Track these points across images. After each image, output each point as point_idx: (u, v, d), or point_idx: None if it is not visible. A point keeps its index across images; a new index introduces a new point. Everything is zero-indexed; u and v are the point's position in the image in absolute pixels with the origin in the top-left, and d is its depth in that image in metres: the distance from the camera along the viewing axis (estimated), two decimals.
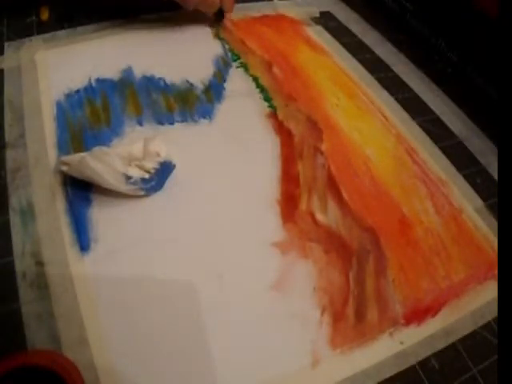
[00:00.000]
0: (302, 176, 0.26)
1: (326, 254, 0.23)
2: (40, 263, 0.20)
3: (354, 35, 0.39)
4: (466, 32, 0.35)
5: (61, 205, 0.22)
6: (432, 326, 0.22)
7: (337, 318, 0.21)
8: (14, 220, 0.21)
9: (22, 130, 0.24)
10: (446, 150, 0.31)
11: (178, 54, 0.32)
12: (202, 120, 0.27)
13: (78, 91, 0.27)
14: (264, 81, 0.31)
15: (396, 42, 0.40)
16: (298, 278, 0.22)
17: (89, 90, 0.27)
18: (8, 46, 0.29)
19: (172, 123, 0.27)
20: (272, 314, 0.21)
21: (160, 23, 0.34)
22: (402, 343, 0.21)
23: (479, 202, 0.28)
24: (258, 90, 0.31)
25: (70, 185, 0.22)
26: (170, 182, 0.24)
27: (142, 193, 0.23)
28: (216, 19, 0.36)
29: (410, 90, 0.35)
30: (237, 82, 0.31)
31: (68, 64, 0.28)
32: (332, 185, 0.26)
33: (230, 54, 0.33)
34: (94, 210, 0.22)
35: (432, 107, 0.34)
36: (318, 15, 0.40)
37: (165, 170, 0.24)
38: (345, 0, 0.44)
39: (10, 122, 0.25)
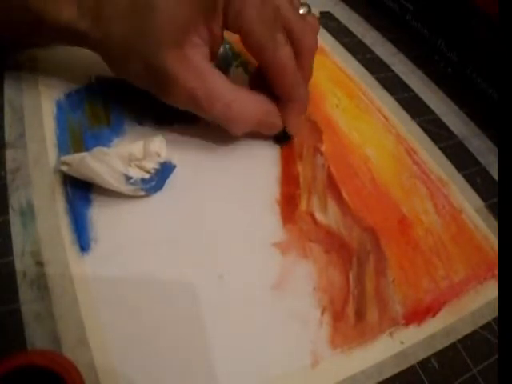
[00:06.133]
0: (301, 176, 0.27)
1: (326, 254, 0.23)
2: (40, 263, 0.20)
3: (354, 35, 0.39)
4: (465, 32, 0.35)
5: (61, 205, 0.22)
6: (432, 326, 0.22)
7: (337, 317, 0.21)
8: (14, 220, 0.21)
9: (21, 129, 0.24)
10: (446, 150, 0.31)
11: None
12: (203, 120, 0.27)
13: (78, 91, 0.27)
14: None
15: (396, 42, 0.40)
16: (298, 278, 0.22)
17: (89, 89, 0.27)
18: None
19: (172, 123, 0.27)
20: (272, 314, 0.21)
21: None
22: (402, 343, 0.21)
23: (479, 202, 0.29)
24: None
25: (70, 185, 0.22)
26: (170, 183, 0.24)
27: (142, 193, 0.23)
28: (277, 142, 0.28)
29: (410, 90, 0.35)
30: (237, 81, 0.31)
31: (68, 64, 0.28)
32: (332, 185, 0.27)
33: (230, 53, 0.33)
34: (94, 209, 0.22)
35: (432, 107, 0.34)
36: (318, 15, 0.40)
37: (165, 170, 0.24)
38: (345, 0, 0.44)
39: (10, 122, 0.25)
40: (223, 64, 0.32)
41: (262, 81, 0.26)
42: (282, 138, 0.28)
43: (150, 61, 0.22)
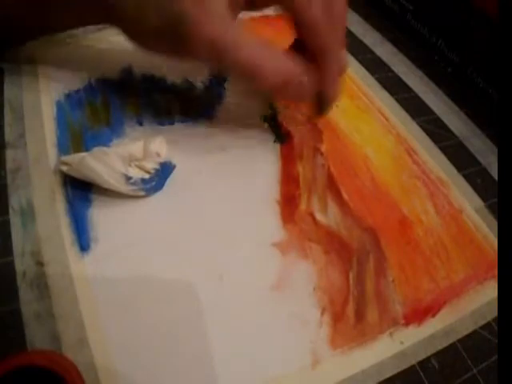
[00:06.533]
0: (301, 177, 0.26)
1: (326, 254, 0.23)
2: (40, 263, 0.20)
3: (354, 35, 0.39)
4: (465, 32, 0.35)
5: (61, 205, 0.22)
6: (432, 326, 0.22)
7: (337, 318, 0.21)
8: (14, 220, 0.21)
9: (21, 129, 0.24)
10: (445, 150, 0.31)
11: None
12: (203, 120, 0.27)
13: (77, 91, 0.27)
14: None
15: (396, 42, 0.40)
16: (298, 279, 0.22)
17: (89, 89, 0.27)
18: None
19: (172, 123, 0.27)
20: (272, 314, 0.21)
21: None
22: (402, 343, 0.21)
23: (479, 202, 0.28)
24: (258, 91, 0.31)
25: (70, 185, 0.22)
26: (170, 183, 0.24)
27: (142, 193, 0.23)
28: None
29: (410, 90, 0.35)
30: (237, 81, 0.31)
31: (68, 64, 0.28)
32: (332, 185, 0.26)
33: None
34: (94, 209, 0.22)
35: (432, 107, 0.34)
36: None
37: (165, 170, 0.24)
38: None
39: (9, 122, 0.25)
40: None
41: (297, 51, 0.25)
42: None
43: (166, 10, 0.21)
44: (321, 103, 0.26)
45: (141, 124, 0.27)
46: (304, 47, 0.24)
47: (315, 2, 0.22)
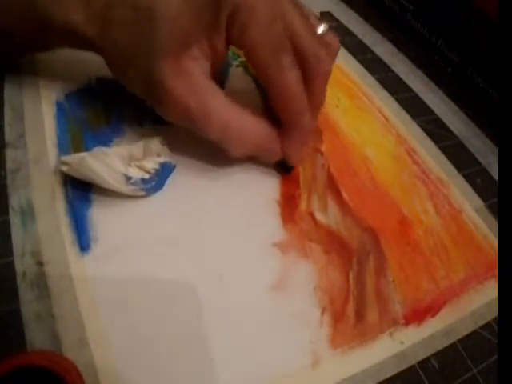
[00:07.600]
0: (301, 176, 0.27)
1: (326, 254, 0.23)
2: (40, 263, 0.20)
3: (354, 35, 0.39)
4: (465, 32, 0.35)
5: (61, 205, 0.22)
6: (432, 326, 0.22)
7: (337, 317, 0.21)
8: (14, 220, 0.21)
9: (21, 130, 0.24)
10: (445, 150, 0.31)
11: None
12: None
13: (78, 91, 0.27)
14: None
15: (396, 42, 0.40)
16: (298, 278, 0.22)
17: (89, 89, 0.27)
18: None
19: (172, 123, 0.27)
20: (272, 314, 0.21)
21: None
22: (402, 343, 0.21)
23: (479, 202, 0.29)
24: (257, 90, 0.31)
25: (70, 185, 0.22)
26: (170, 183, 0.24)
27: (142, 193, 0.23)
28: (280, 170, 0.26)
29: (410, 90, 0.35)
30: (237, 81, 0.31)
31: (68, 64, 0.28)
32: (332, 185, 0.27)
33: (229, 53, 0.33)
34: (93, 210, 0.22)
35: (432, 107, 0.34)
36: (318, 15, 0.40)
37: (165, 170, 0.24)
38: (345, 0, 0.44)
39: (9, 122, 0.25)
40: (223, 64, 0.32)
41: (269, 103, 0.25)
42: (284, 167, 0.26)
43: (147, 71, 0.22)
44: (283, 164, 0.26)
45: (141, 124, 0.26)
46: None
47: (288, 70, 0.22)
